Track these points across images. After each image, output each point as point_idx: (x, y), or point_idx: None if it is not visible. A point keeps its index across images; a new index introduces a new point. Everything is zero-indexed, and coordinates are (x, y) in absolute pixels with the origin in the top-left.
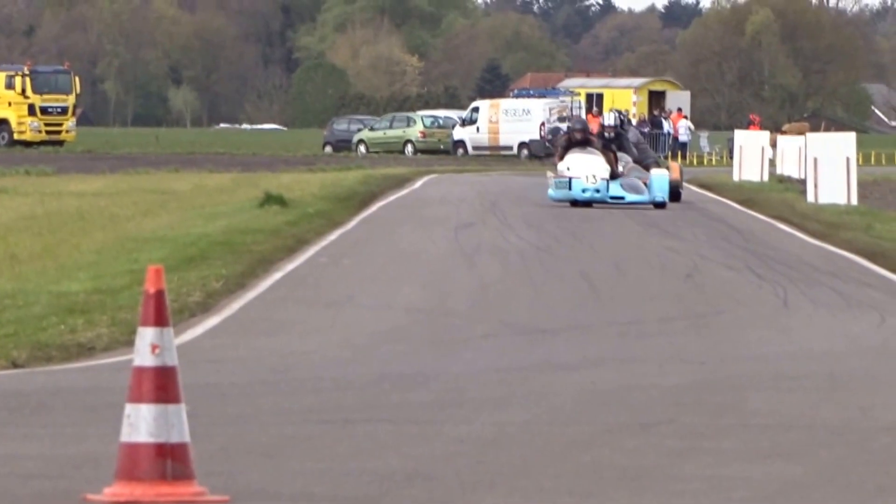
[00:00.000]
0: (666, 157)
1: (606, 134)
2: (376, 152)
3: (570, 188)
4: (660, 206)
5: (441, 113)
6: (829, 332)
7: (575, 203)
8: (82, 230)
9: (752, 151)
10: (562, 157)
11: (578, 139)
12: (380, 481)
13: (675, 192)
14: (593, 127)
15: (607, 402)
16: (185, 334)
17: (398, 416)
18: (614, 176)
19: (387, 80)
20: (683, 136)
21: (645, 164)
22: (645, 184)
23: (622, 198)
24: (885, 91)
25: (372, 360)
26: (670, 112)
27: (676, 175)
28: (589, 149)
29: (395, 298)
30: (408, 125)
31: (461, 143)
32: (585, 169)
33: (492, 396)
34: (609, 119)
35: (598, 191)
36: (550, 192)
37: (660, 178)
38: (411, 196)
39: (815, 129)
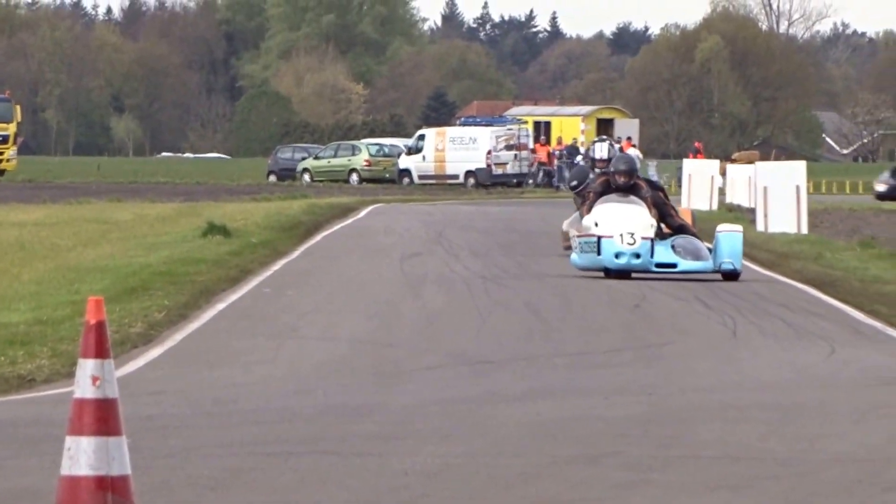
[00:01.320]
0: None
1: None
2: (321, 181)
3: (598, 251)
4: (731, 276)
5: (387, 141)
6: (779, 363)
7: (608, 273)
8: (22, 260)
9: (701, 180)
10: (590, 208)
11: (622, 184)
12: None
13: None
14: (541, 156)
15: (554, 434)
16: (127, 366)
17: (342, 448)
18: (662, 235)
19: (332, 107)
20: None
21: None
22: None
23: (674, 265)
24: (836, 119)
25: (316, 391)
26: (619, 140)
27: (688, 219)
28: (631, 197)
29: (340, 329)
30: (353, 154)
31: (407, 171)
32: (621, 224)
33: (437, 428)
34: (601, 151)
35: (637, 255)
36: (574, 257)
37: (730, 239)
38: (356, 226)
39: (765, 157)
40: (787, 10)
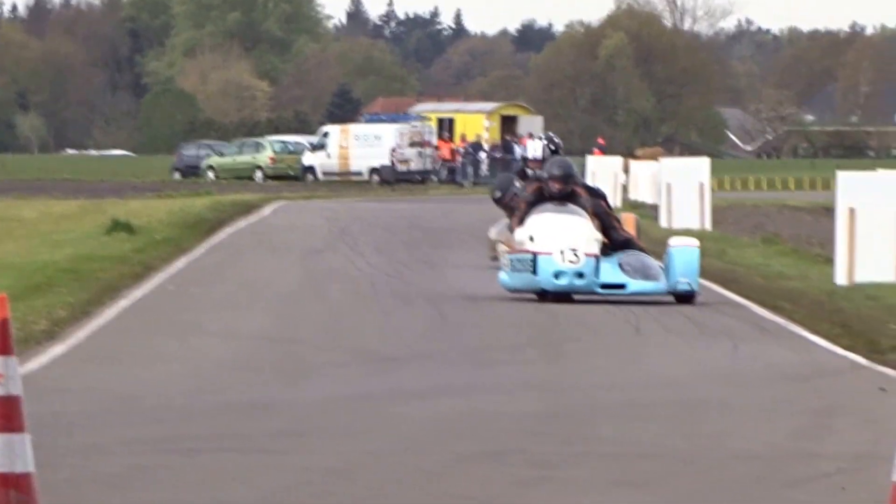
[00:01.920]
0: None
1: (530, 172)
2: (225, 178)
3: (534, 271)
4: (686, 298)
5: (291, 138)
6: (682, 360)
7: (545, 296)
8: None
9: (604, 177)
10: (523, 220)
11: (557, 192)
12: None
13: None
14: (445, 152)
15: (457, 431)
16: (31, 363)
17: (244, 445)
18: (605, 251)
19: (236, 105)
20: None
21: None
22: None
23: (622, 286)
24: (739, 115)
25: (218, 388)
26: (521, 137)
27: (632, 229)
28: (570, 206)
29: (243, 326)
30: (257, 151)
31: (311, 168)
32: (560, 238)
33: (340, 425)
34: (534, 149)
35: (581, 275)
36: (503, 276)
37: (685, 255)
38: (260, 223)
39: (668, 153)
40: (692, 7)
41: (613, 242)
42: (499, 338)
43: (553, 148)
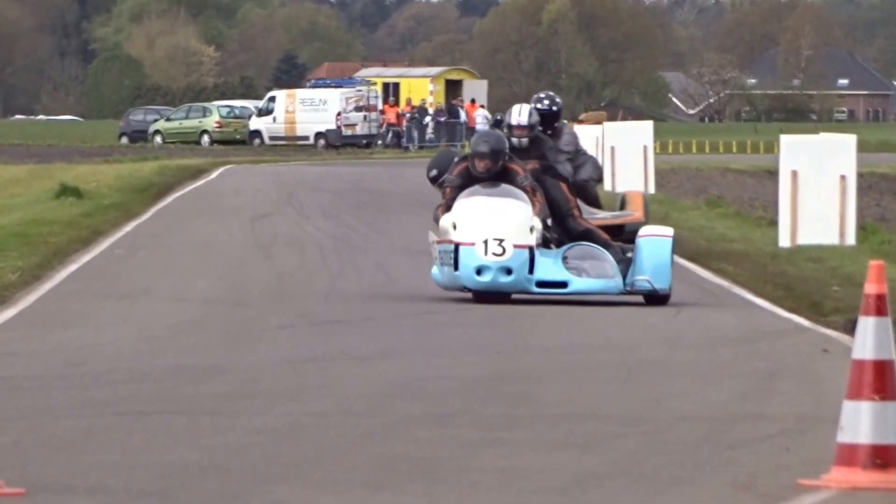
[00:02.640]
0: (464, 146)
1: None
2: (172, 143)
3: (455, 266)
4: (653, 299)
5: (237, 103)
6: (625, 323)
7: (477, 296)
8: None
9: None
10: (449, 206)
11: (482, 171)
12: (174, 473)
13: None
14: (390, 117)
15: (402, 394)
16: None
17: (193, 408)
18: (548, 242)
19: (183, 70)
20: (481, 125)
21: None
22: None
23: (564, 283)
24: (682, 79)
25: (167, 352)
26: (462, 102)
27: (640, 214)
28: (504, 187)
29: (191, 290)
30: (204, 116)
31: (257, 133)
32: (485, 226)
33: (287, 388)
34: (520, 115)
35: (508, 270)
36: (434, 270)
37: (654, 247)
38: (207, 187)
39: (612, 118)
40: None
41: (570, 233)
42: (444, 302)
43: (545, 109)
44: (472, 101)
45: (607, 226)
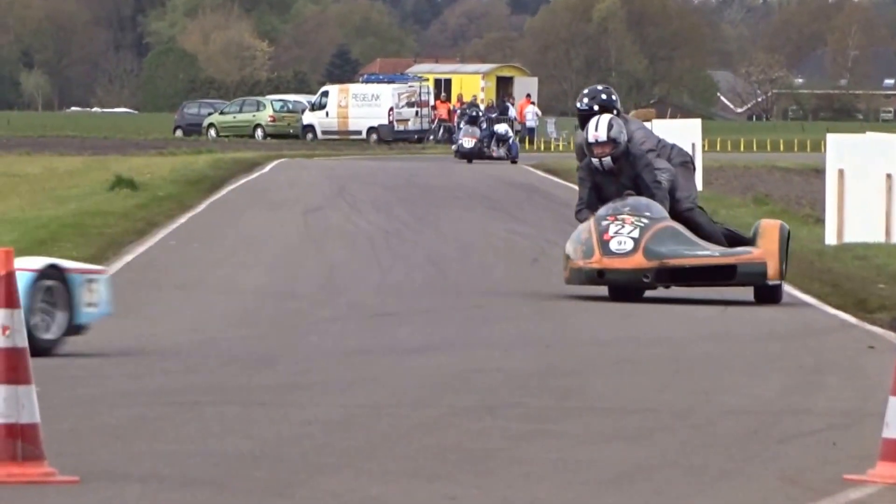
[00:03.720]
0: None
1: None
2: (226, 136)
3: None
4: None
5: (291, 97)
6: (675, 318)
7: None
8: None
9: None
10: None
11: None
12: (227, 462)
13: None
14: (441, 112)
15: (453, 386)
16: None
17: (245, 398)
18: None
19: (237, 64)
20: (531, 122)
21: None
22: None
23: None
24: (730, 78)
25: (220, 342)
26: (513, 99)
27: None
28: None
29: (244, 282)
30: (258, 109)
31: (310, 127)
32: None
33: (338, 379)
34: (597, 128)
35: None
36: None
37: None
38: (261, 180)
39: (661, 115)
40: None
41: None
42: (495, 294)
43: (585, 109)
44: (528, 95)
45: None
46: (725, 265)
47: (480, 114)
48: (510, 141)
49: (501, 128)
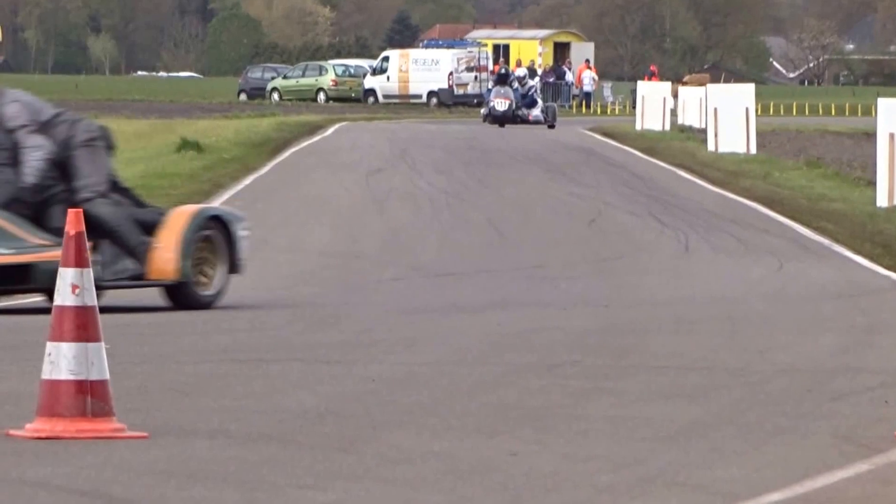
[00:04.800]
0: (570, 107)
1: None
2: (289, 100)
3: None
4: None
5: (352, 62)
6: (729, 277)
7: None
8: None
9: (654, 101)
10: None
11: None
12: (293, 419)
13: None
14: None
15: (513, 344)
16: None
17: (310, 356)
18: None
19: (300, 30)
20: (588, 87)
21: None
22: None
23: None
24: (783, 44)
25: (285, 301)
26: (570, 63)
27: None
28: None
29: (308, 242)
30: (320, 74)
31: (372, 91)
32: None
33: (401, 337)
34: None
35: None
36: None
37: None
38: (323, 143)
39: (715, 80)
40: None
41: None
42: (553, 255)
43: None
44: (586, 60)
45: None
46: (18, 265)
47: (512, 73)
48: (538, 101)
49: (521, 71)
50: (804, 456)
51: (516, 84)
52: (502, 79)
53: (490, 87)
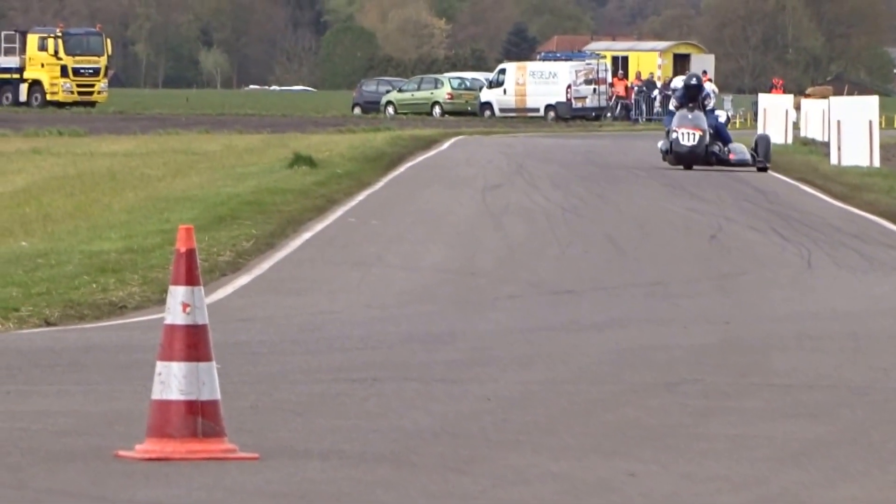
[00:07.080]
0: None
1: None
2: (404, 114)
3: None
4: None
5: (468, 75)
6: (852, 293)
7: None
8: (114, 190)
9: (775, 114)
10: None
11: None
12: (407, 438)
13: None
14: (619, 90)
15: (632, 362)
16: (216, 293)
17: (425, 374)
18: None
19: (415, 42)
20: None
21: None
22: None
23: None
24: None
25: (399, 319)
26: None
27: None
28: None
29: (423, 259)
30: (435, 87)
31: (488, 104)
32: None
33: (517, 356)
34: None
35: None
36: None
37: None
38: (439, 157)
39: (838, 92)
40: None
41: None
42: (673, 271)
43: None
44: (704, 72)
45: None
46: None
47: (703, 86)
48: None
49: (710, 86)
50: None
51: (711, 102)
52: (692, 94)
53: (673, 107)
